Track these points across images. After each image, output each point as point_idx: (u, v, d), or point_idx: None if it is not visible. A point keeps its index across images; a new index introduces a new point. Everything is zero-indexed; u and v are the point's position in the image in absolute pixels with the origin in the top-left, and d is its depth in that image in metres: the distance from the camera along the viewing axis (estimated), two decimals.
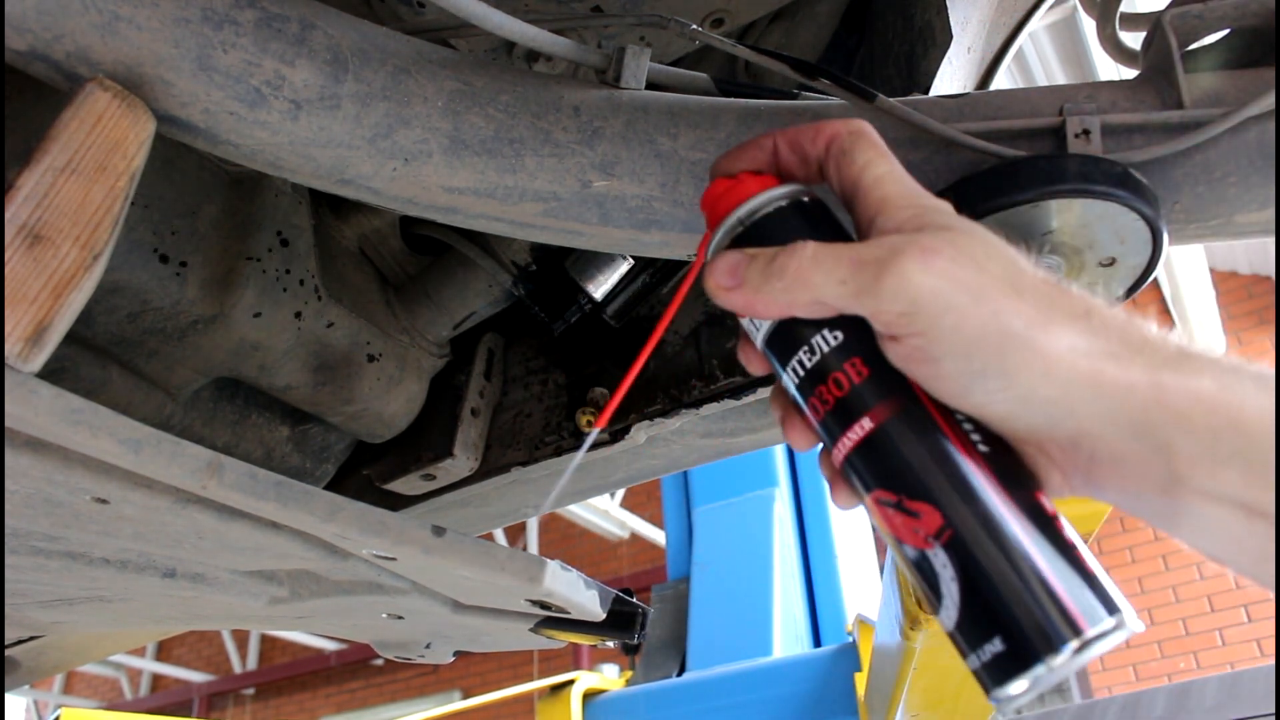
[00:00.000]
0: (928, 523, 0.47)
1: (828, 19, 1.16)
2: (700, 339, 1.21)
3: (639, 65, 0.78)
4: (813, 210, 0.55)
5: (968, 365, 0.46)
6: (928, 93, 0.98)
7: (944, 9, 0.95)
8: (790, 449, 3.23)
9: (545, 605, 0.84)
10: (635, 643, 0.95)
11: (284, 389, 1.14)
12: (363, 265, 1.24)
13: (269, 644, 10.05)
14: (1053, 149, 0.76)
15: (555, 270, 1.21)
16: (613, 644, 1.03)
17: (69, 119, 0.59)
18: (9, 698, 7.45)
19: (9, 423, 0.53)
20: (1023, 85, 2.32)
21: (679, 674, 2.81)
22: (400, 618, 0.97)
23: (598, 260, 1.19)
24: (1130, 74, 0.83)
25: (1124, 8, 0.91)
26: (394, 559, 0.75)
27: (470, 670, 8.76)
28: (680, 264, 1.19)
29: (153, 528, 0.70)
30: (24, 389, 0.52)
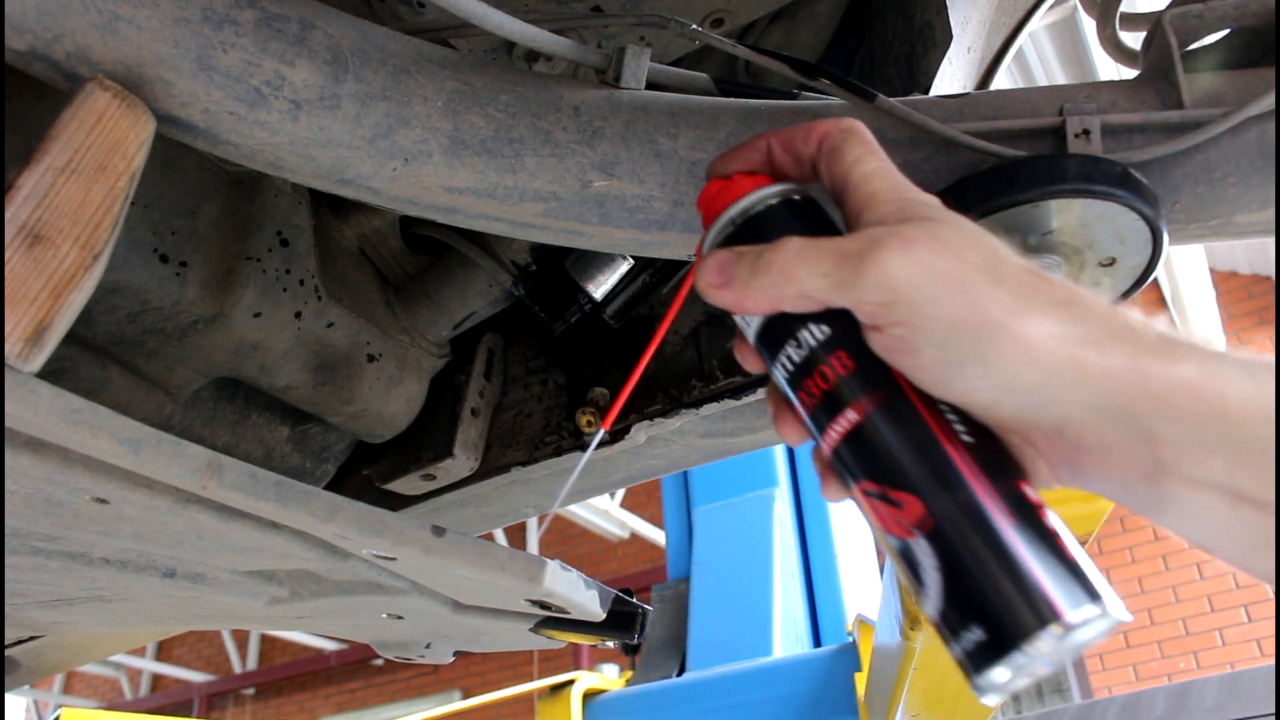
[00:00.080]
0: (910, 513, 0.48)
1: (828, 19, 1.16)
2: (700, 339, 1.21)
3: (639, 65, 0.78)
4: (804, 208, 0.56)
5: (947, 353, 0.46)
6: (928, 93, 0.98)
7: (944, 9, 0.95)
8: (790, 449, 3.24)
9: (545, 605, 0.84)
10: (635, 643, 0.95)
11: (284, 389, 1.14)
12: (363, 265, 1.24)
13: (269, 644, 10.05)
14: (1053, 149, 0.76)
15: (555, 270, 1.21)
16: (613, 644, 1.03)
17: (69, 119, 0.59)
18: (9, 698, 7.45)
19: (9, 423, 0.53)
20: (1023, 85, 2.32)
21: (679, 674, 2.81)
22: (400, 618, 0.97)
23: (598, 260, 1.19)
24: (1130, 74, 0.83)
25: (1124, 8, 0.91)
26: (394, 559, 0.75)
27: (470, 670, 8.76)
28: (680, 264, 1.19)
29: (153, 528, 0.70)
30: (24, 389, 0.52)
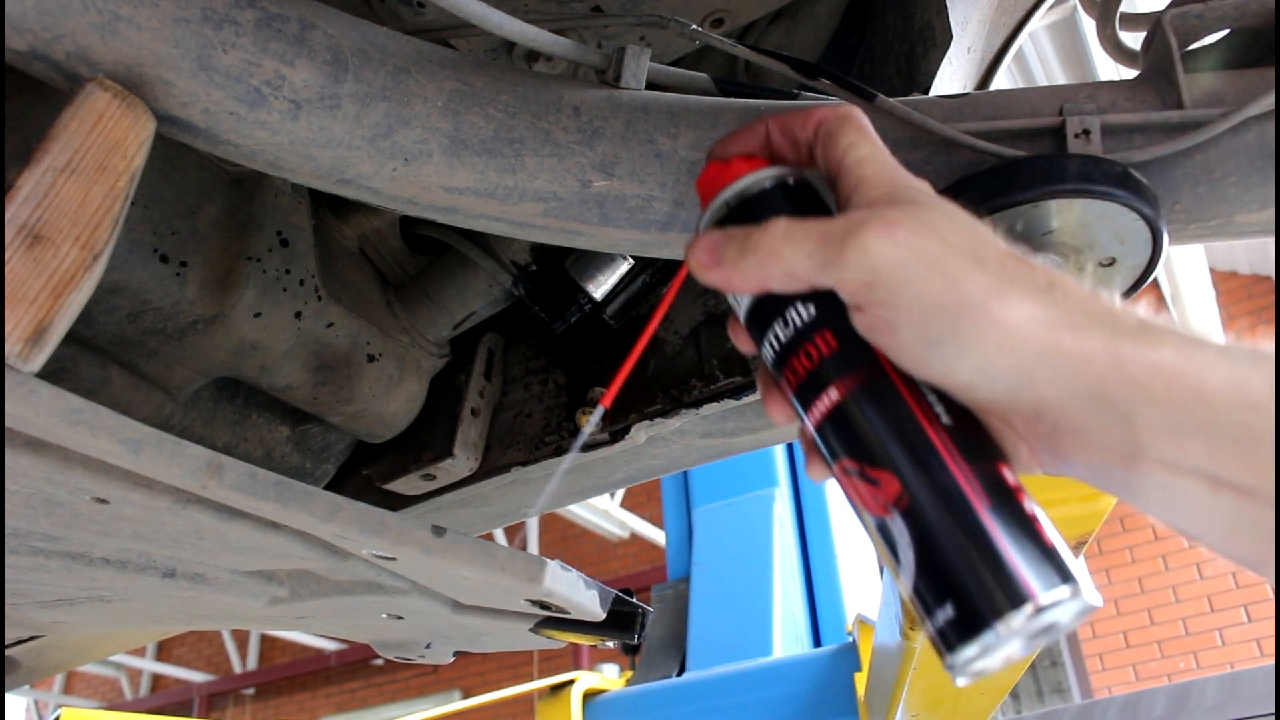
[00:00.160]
0: (887, 490, 0.48)
1: (828, 19, 1.16)
2: (700, 339, 1.21)
3: (639, 65, 0.78)
4: (797, 192, 0.56)
5: (926, 334, 0.47)
6: (928, 93, 0.98)
7: (944, 9, 0.95)
8: (790, 449, 3.23)
9: (545, 605, 0.84)
10: (635, 643, 0.95)
11: (284, 389, 1.14)
12: (363, 265, 1.24)
13: (269, 644, 10.05)
14: (1053, 149, 0.76)
15: (555, 270, 1.21)
16: (613, 644, 1.03)
17: (69, 119, 0.59)
18: (9, 698, 7.45)
19: (9, 423, 0.53)
20: (1023, 85, 2.32)
21: (679, 674, 2.81)
22: (400, 618, 0.97)
23: (598, 260, 1.19)
24: (1130, 74, 0.83)
25: (1124, 8, 0.91)
26: (394, 559, 0.75)
27: (470, 670, 8.76)
28: (681, 263, 1.19)
29: (153, 528, 0.70)
30: (24, 389, 0.52)
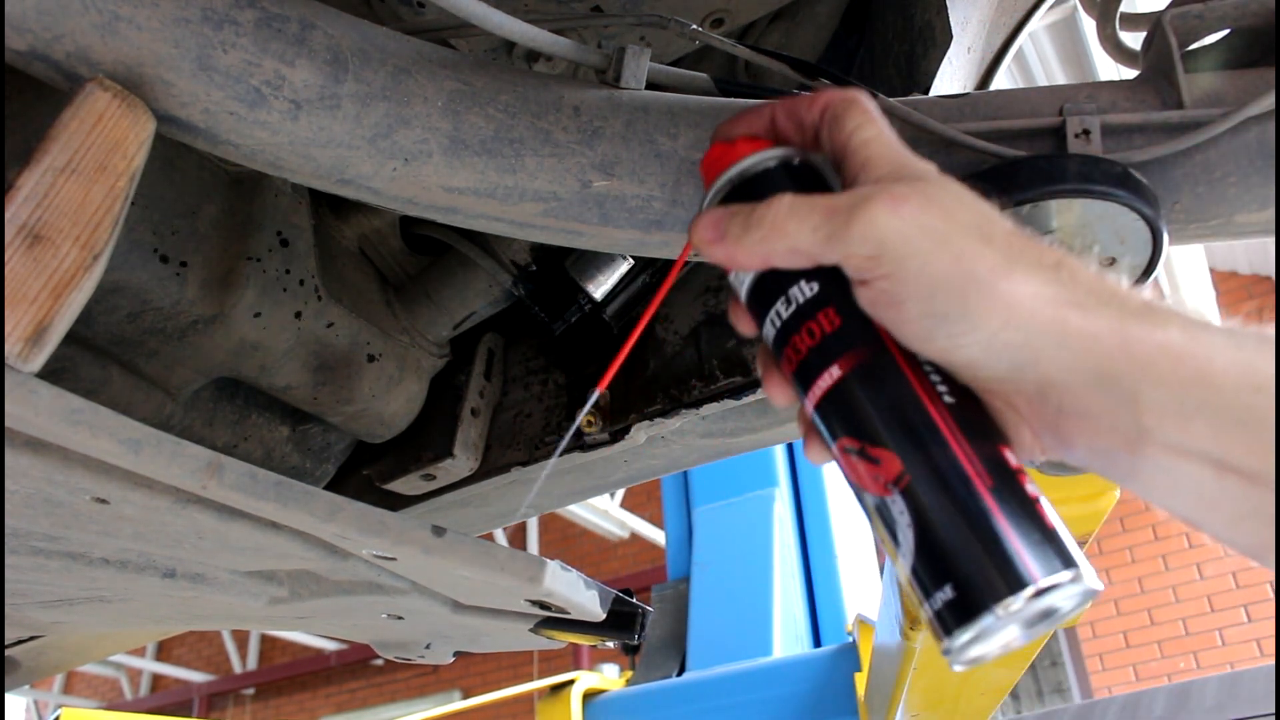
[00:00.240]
0: (887, 469, 0.48)
1: (828, 19, 1.16)
2: (700, 339, 1.21)
3: (639, 65, 0.78)
4: (801, 172, 0.56)
5: (930, 308, 0.46)
6: (928, 93, 0.98)
7: (944, 9, 0.95)
8: (790, 449, 3.23)
9: (545, 605, 0.84)
10: (635, 643, 0.95)
11: (284, 389, 1.14)
12: (363, 265, 1.24)
13: (269, 644, 10.05)
14: (1053, 149, 0.76)
15: (555, 270, 1.21)
16: (613, 644, 1.03)
17: (69, 119, 0.59)
18: (9, 698, 7.45)
19: (9, 423, 0.53)
20: (1023, 85, 2.32)
21: (679, 674, 2.80)
22: (400, 618, 0.97)
23: (598, 260, 1.19)
24: (1130, 74, 0.83)
25: (1124, 8, 0.91)
26: (394, 559, 0.75)
27: (470, 670, 8.75)
28: (683, 249, 1.19)
29: (153, 528, 0.70)
30: (24, 389, 0.52)
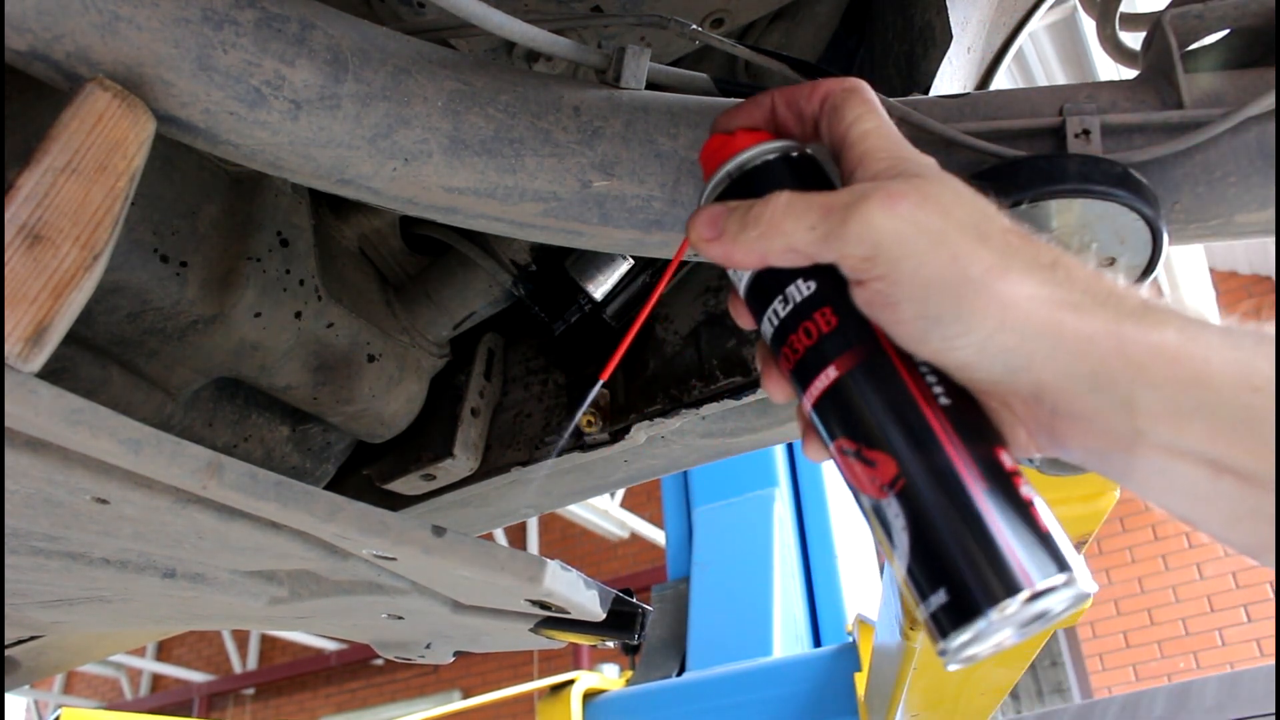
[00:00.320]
0: (883, 472, 0.48)
1: (828, 19, 1.16)
2: (700, 339, 1.21)
3: (639, 65, 0.78)
4: (800, 164, 0.56)
5: (925, 309, 0.46)
6: (928, 93, 0.98)
7: (944, 9, 0.95)
8: (790, 449, 3.23)
9: (545, 605, 0.84)
10: (635, 643, 0.95)
11: (284, 389, 1.14)
12: (363, 265, 1.24)
13: (269, 644, 10.05)
14: (1053, 149, 0.76)
15: (555, 270, 1.21)
16: (613, 644, 1.03)
17: (69, 119, 0.59)
18: (9, 698, 7.45)
19: (9, 423, 0.53)
20: (1023, 85, 2.32)
21: (679, 674, 2.81)
22: (400, 618, 0.97)
23: (598, 260, 1.19)
24: (1130, 74, 0.83)
25: (1124, 8, 0.91)
26: (394, 559, 0.75)
27: (470, 670, 8.75)
28: (682, 264, 1.19)
29: (153, 528, 0.70)
30: (24, 389, 0.52)
